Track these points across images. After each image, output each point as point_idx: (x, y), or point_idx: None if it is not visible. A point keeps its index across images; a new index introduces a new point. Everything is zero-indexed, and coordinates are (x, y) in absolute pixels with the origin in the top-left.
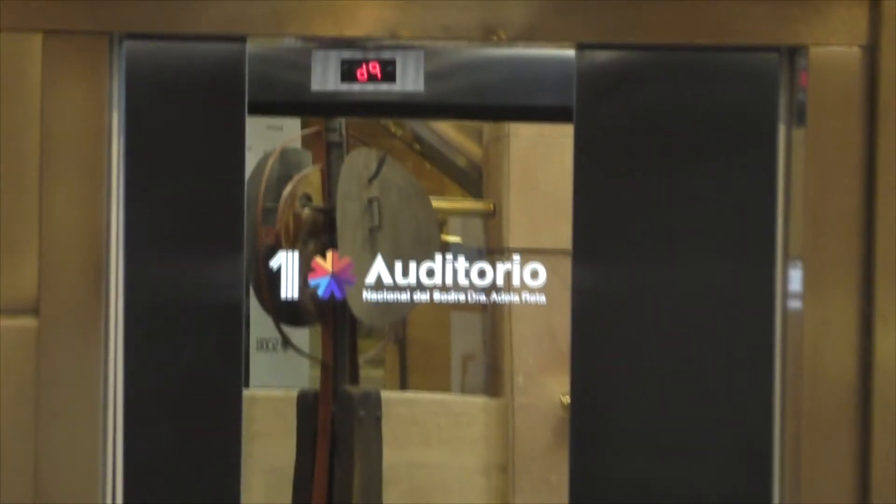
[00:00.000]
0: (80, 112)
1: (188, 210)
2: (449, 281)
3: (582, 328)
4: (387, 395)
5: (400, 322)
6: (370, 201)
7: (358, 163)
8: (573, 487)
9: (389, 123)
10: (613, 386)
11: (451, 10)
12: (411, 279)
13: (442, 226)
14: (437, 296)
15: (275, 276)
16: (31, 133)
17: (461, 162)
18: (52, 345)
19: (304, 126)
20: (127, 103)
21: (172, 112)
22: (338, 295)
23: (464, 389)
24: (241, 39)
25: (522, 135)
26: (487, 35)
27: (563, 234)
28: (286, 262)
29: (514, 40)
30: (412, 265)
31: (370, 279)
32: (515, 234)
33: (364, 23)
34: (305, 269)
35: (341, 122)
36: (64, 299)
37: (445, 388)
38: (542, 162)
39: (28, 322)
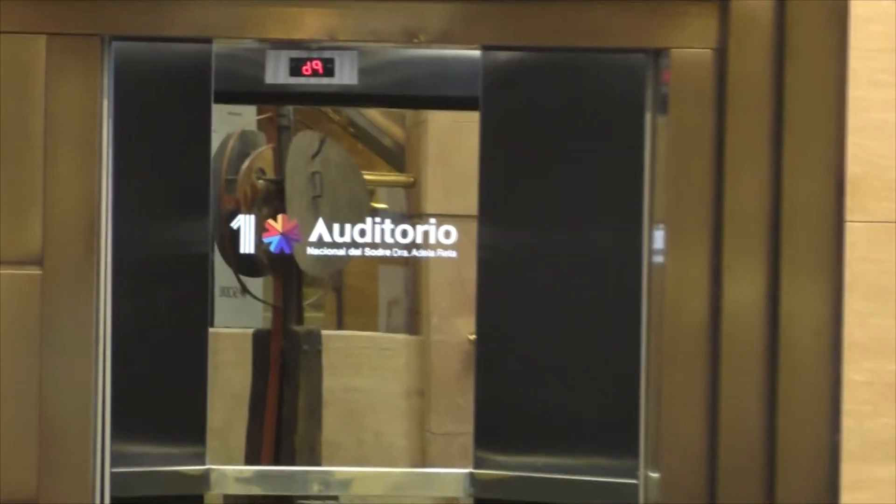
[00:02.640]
0: (77, 100)
1: (164, 180)
2: (378, 240)
3: (486, 278)
4: (326, 332)
5: (337, 273)
6: (313, 174)
7: (303, 143)
8: (478, 408)
9: (329, 111)
10: (511, 325)
11: (379, 17)
12: (346, 238)
13: (372, 195)
14: (367, 252)
15: (235, 235)
16: (36, 118)
17: (387, 142)
18: (54, 291)
19: (259, 112)
20: (115, 93)
21: (152, 100)
22: (286, 250)
23: (389, 328)
24: (208, 41)
25: (438, 120)
26: (409, 38)
27: (471, 202)
28: (244, 224)
29: (430, 42)
30: (347, 227)
31: (313, 237)
32: (432, 201)
33: (309, 27)
34: (260, 229)
35: (290, 109)
36: (63, 253)
37: (374, 327)
38: (455, 142)
39: (34, 272)
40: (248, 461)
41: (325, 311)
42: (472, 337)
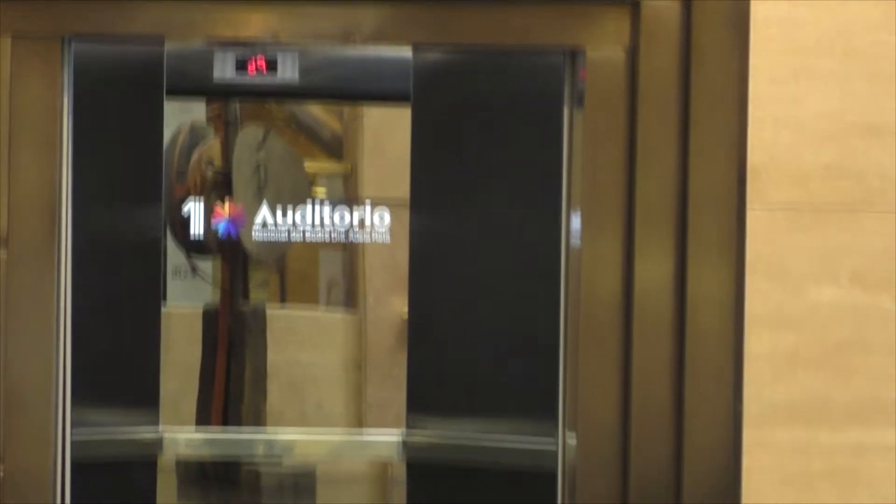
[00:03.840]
0: (39, 96)
1: (119, 170)
2: (318, 223)
3: (417, 259)
4: (270, 310)
5: (281, 256)
6: (258, 165)
7: (249, 135)
8: (410, 378)
9: (272, 105)
10: (441, 302)
11: (318, 18)
12: (289, 221)
13: (312, 183)
14: (307, 235)
15: (186, 220)
16: (2, 112)
17: (326, 134)
18: (17, 271)
19: (208, 107)
20: (74, 89)
21: (108, 96)
22: (233, 234)
23: (328, 306)
24: (160, 41)
25: (373, 114)
26: (346, 38)
27: (404, 189)
28: (194, 209)
29: (365, 41)
30: (289, 211)
31: (258, 221)
32: (368, 187)
33: (254, 27)
34: (209, 215)
35: (236, 104)
36: (26, 237)
37: (314, 305)
38: (388, 134)
39: (10, 252)
40: (198, 427)
41: (270, 291)
42: (405, 314)
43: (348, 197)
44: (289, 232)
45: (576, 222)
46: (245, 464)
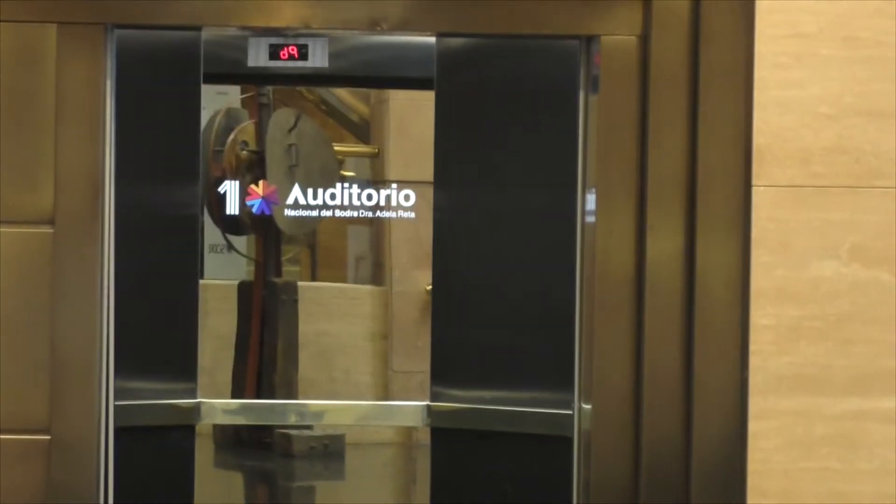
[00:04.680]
0: (84, 80)
1: (160, 151)
2: (346, 202)
3: (440, 236)
4: (301, 284)
5: (311, 232)
6: (290, 146)
7: (281, 118)
8: (434, 349)
9: (303, 90)
10: (463, 276)
11: (347, 7)
12: (319, 201)
13: (341, 164)
14: (337, 213)
15: (222, 199)
16: (49, 95)
17: (354, 118)
18: (64, 246)
19: (242, 92)
20: (117, 74)
21: (149, 81)
22: (267, 212)
23: (356, 280)
24: (198, 28)
25: (399, 98)
26: (373, 26)
27: (428, 170)
28: (230, 189)
29: (391, 29)
30: (319, 191)
31: (290, 201)
32: (394, 169)
33: (286, 16)
34: (244, 193)
35: (269, 89)
36: (72, 213)
37: (343, 279)
38: (413, 118)
39: (46, 230)
40: (234, 395)
41: (301, 266)
42: (429, 288)
43: (375, 177)
44: (319, 209)
45: (591, 200)
46: (277, 430)
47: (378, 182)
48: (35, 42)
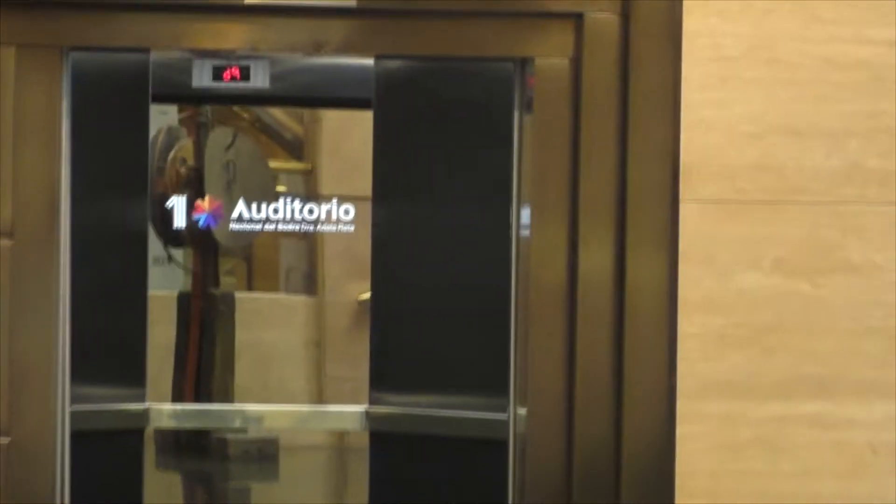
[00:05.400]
0: (42, 100)
1: (111, 167)
2: (288, 217)
3: (379, 247)
4: (238, 294)
5: (248, 245)
6: (227, 163)
7: (219, 137)
8: (373, 355)
9: (239, 110)
10: (400, 287)
11: (291, 31)
12: (262, 215)
13: (275, 180)
14: (280, 227)
15: (165, 213)
16: (8, 115)
17: (288, 136)
18: (22, 259)
19: (180, 111)
20: (72, 94)
21: (100, 100)
22: (213, 226)
23: (290, 290)
24: (146, 51)
25: (331, 117)
26: (317, 49)
27: (359, 185)
28: (177, 204)
29: (334, 52)
30: (263, 206)
31: (234, 215)
32: (326, 185)
33: (233, 39)
34: (190, 208)
35: (207, 108)
36: (29, 228)
37: (277, 289)
38: (345, 136)
39: (5, 242)
40: (174, 400)
41: (237, 277)
42: (361, 297)
43: (308, 193)
44: (263, 224)
45: (525, 215)
46: (217, 433)
47: (311, 197)
48: None
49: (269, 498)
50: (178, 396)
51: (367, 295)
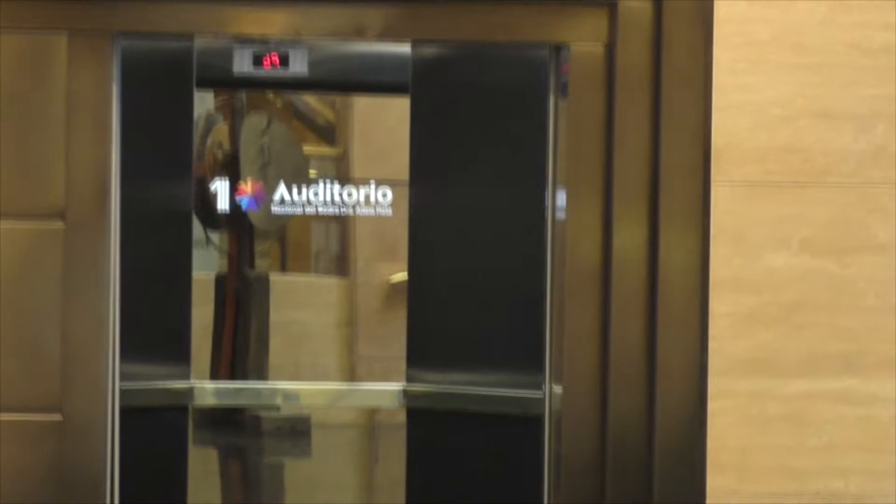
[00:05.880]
0: (92, 85)
1: (159, 150)
2: (329, 200)
3: (416, 229)
4: (273, 276)
5: (282, 228)
6: (262, 147)
7: (254, 122)
8: (410, 334)
9: (273, 96)
10: (437, 268)
11: (333, 17)
12: (303, 198)
13: (308, 163)
14: (319, 210)
15: (206, 196)
16: (60, 100)
17: (320, 121)
18: (74, 241)
19: (217, 98)
20: (121, 79)
21: (148, 85)
22: (255, 209)
23: (323, 272)
24: (191, 37)
25: (362, 103)
26: (359, 34)
27: (389, 169)
28: (220, 187)
29: (375, 37)
30: (304, 189)
31: (276, 197)
32: (358, 169)
33: (277, 26)
34: (233, 191)
35: (243, 94)
36: (81, 209)
37: (310, 271)
38: (375, 122)
39: (58, 224)
40: (212, 377)
41: (272, 258)
42: (392, 279)
43: (340, 177)
44: (304, 207)
45: (560, 196)
46: (252, 411)
47: (346, 181)
48: (46, 48)
49: (303, 473)
50: (215, 374)
51: (398, 277)
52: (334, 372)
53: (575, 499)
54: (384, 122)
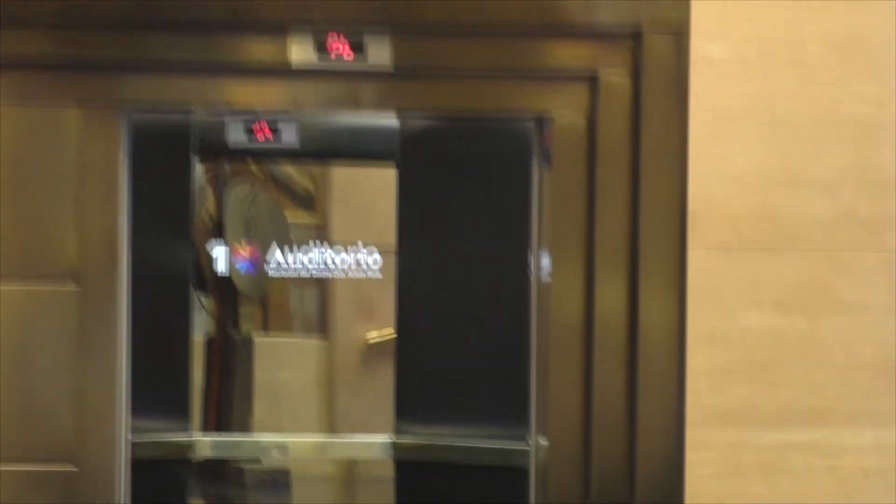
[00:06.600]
0: (102, 153)
1: (162, 216)
2: (322, 264)
3: (404, 290)
4: (257, 338)
5: (264, 291)
6: (248, 216)
7: (239, 190)
8: (397, 389)
9: (254, 165)
10: (425, 327)
11: (330, 90)
12: (298, 263)
13: (289, 229)
14: (314, 273)
15: (199, 261)
16: (71, 167)
17: (299, 189)
18: (87, 302)
19: (207, 170)
20: (129, 148)
21: (151, 153)
22: (252, 272)
23: (304, 332)
24: (189, 111)
25: (340, 173)
26: (354, 104)
27: (367, 234)
28: (220, 253)
29: (368, 108)
30: (299, 255)
31: (272, 262)
32: (336, 235)
33: (271, 99)
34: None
35: (226, 165)
36: (94, 272)
37: (291, 332)
38: (356, 190)
39: (72, 287)
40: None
41: (254, 321)
42: (369, 338)
43: (330, 241)
44: (299, 271)
45: (544, 260)
46: (233, 464)
47: (324, 245)
48: (60, 120)
49: None
50: (205, 427)
51: (375, 336)
52: (313, 425)
53: None
54: (361, 190)
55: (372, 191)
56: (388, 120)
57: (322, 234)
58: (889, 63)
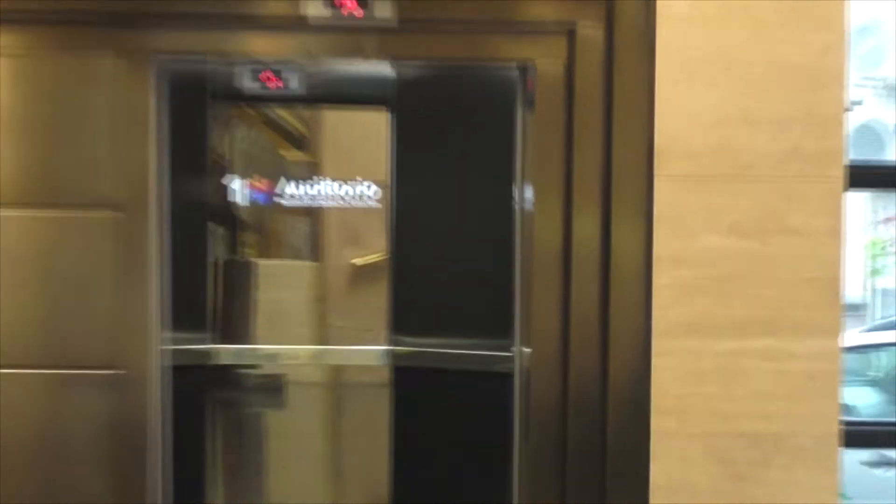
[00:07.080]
0: (132, 95)
1: (182, 149)
2: (326, 194)
3: (400, 218)
4: (257, 262)
5: (263, 220)
6: (247, 152)
7: (242, 131)
8: (393, 303)
9: (247, 108)
10: (417, 248)
11: (337, 40)
12: (303, 192)
13: (283, 166)
14: (320, 203)
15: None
16: (107, 108)
17: (292, 130)
18: (123, 226)
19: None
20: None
21: (174, 97)
22: (266, 203)
23: (297, 257)
24: (203, 61)
25: (330, 115)
26: (361, 54)
27: (356, 171)
28: (238, 185)
29: (372, 57)
30: (302, 185)
31: (280, 192)
32: (326, 170)
33: (282, 47)
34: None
35: (230, 108)
36: (128, 201)
37: (287, 256)
38: (346, 133)
39: (109, 213)
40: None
41: (256, 246)
42: (356, 262)
43: (320, 176)
44: (306, 200)
45: (529, 191)
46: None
47: (313, 180)
48: (97, 66)
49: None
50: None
51: (360, 260)
52: (307, 339)
53: (541, 440)
54: (350, 133)
55: (363, 132)
56: (384, 69)
57: (318, 171)
58: (834, 14)
